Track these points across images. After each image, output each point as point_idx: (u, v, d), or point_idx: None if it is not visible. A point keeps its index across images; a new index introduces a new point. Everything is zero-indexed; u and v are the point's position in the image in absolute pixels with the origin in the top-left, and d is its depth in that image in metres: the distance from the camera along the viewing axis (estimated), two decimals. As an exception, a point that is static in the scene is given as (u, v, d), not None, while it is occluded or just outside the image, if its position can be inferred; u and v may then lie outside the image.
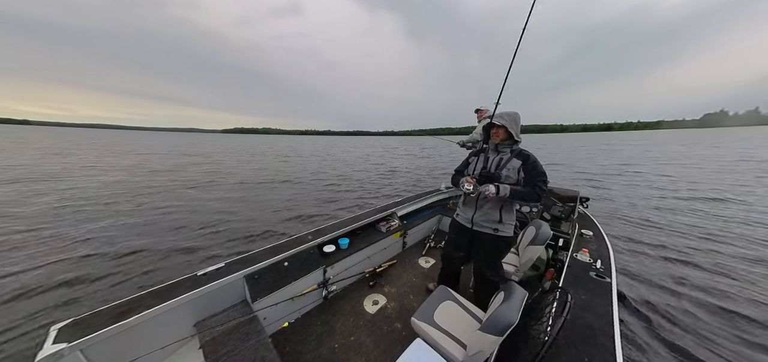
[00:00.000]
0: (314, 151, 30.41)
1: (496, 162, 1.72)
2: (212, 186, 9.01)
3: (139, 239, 4.50)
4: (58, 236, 4.46)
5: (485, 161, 1.75)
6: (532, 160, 1.62)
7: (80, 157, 15.93)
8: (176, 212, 6.06)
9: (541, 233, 1.93)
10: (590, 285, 1.68)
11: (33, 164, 12.15)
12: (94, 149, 22.27)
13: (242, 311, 1.64)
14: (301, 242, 2.13)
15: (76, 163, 13.29)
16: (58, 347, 1.12)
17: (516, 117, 1.65)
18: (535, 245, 1.92)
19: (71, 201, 6.53)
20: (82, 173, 10.52)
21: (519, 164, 1.64)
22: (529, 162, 1.62)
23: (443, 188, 4.09)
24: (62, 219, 5.30)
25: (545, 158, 15.63)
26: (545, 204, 3.11)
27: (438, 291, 1.72)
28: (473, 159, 1.86)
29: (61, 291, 3.06)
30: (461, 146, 3.48)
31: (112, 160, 15.06)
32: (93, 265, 3.63)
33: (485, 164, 1.76)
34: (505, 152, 1.70)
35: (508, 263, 2.12)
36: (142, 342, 1.38)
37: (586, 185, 9.18)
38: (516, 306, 1.19)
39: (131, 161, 15.17)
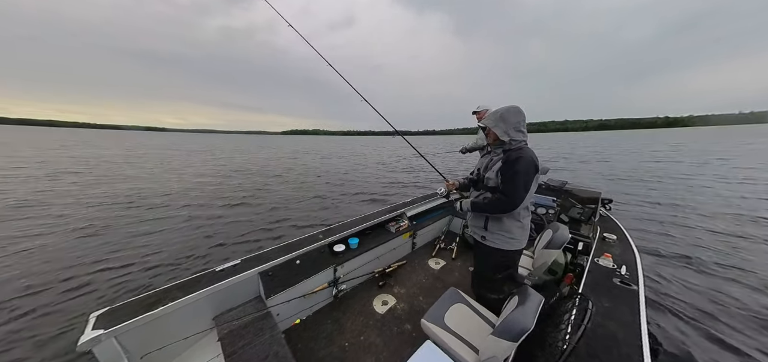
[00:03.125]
0: (359, 152, 31.04)
1: (485, 164, 1.60)
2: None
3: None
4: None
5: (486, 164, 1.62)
6: (511, 160, 1.37)
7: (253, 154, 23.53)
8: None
9: (558, 236, 1.82)
10: (614, 292, 1.55)
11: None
12: (233, 147, 30.49)
13: (257, 306, 1.68)
14: (312, 241, 2.16)
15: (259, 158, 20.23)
16: (96, 333, 1.21)
17: (505, 115, 1.42)
18: (552, 248, 1.81)
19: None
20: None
21: (500, 165, 1.44)
22: (507, 163, 1.39)
23: (439, 194, 3.80)
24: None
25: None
26: (563, 206, 2.93)
27: (449, 293, 1.66)
28: (481, 160, 1.78)
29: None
30: (463, 153, 3.38)
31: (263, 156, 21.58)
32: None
33: (480, 167, 1.66)
34: (497, 153, 1.53)
35: (520, 265, 2.02)
36: (167, 331, 1.45)
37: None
38: (531, 312, 1.12)
39: (266, 155, 22.15)
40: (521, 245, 1.52)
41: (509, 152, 1.41)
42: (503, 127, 1.42)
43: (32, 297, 3.01)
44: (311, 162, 17.83)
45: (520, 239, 1.50)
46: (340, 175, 12.19)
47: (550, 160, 16.66)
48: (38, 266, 3.65)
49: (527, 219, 1.51)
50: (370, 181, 10.67)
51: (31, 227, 4.96)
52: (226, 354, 1.36)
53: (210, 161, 17.35)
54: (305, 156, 22.64)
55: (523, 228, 1.49)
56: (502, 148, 1.48)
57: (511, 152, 1.41)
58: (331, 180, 10.78)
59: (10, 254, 3.91)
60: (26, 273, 3.45)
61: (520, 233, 1.49)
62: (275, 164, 16.56)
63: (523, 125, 1.42)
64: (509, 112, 1.42)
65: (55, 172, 10.68)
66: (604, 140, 50.28)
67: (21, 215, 5.64)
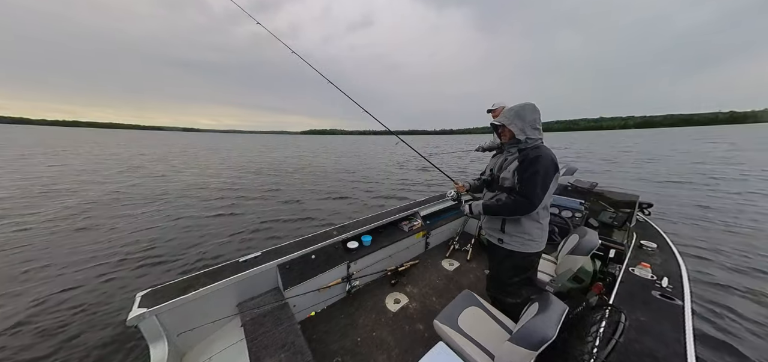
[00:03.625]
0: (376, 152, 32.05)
1: (499, 164, 1.51)
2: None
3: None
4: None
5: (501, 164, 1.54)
6: (529, 159, 1.30)
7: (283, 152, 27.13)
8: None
9: (586, 242, 1.67)
10: (652, 306, 1.39)
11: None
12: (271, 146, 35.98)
13: (275, 297, 1.76)
14: (326, 237, 2.21)
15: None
16: (142, 311, 1.35)
17: (521, 112, 1.34)
18: (578, 254, 1.67)
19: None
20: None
21: (517, 164, 1.36)
22: (524, 163, 1.31)
23: (448, 196, 3.61)
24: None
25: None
26: (592, 209, 2.70)
27: (463, 295, 1.61)
28: (493, 160, 1.67)
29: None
30: (481, 151, 3.24)
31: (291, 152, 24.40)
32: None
33: (493, 167, 1.57)
34: (511, 152, 1.45)
35: (541, 270, 1.89)
36: (197, 314, 1.57)
37: None
38: (553, 320, 1.04)
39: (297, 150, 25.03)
40: (540, 247, 1.44)
41: (526, 151, 1.35)
42: (520, 125, 1.35)
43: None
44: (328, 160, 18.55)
45: (539, 241, 1.42)
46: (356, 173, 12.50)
47: (577, 160, 15.42)
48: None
49: (546, 220, 1.42)
50: (381, 181, 10.72)
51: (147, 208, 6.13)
52: (249, 339, 1.45)
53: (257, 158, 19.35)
54: (323, 155, 23.79)
55: (543, 229, 1.41)
56: (517, 146, 1.41)
57: (528, 150, 1.34)
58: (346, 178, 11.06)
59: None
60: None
61: (539, 235, 1.41)
62: (297, 161, 17.66)
63: (538, 123, 1.36)
64: (525, 109, 1.35)
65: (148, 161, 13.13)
66: (644, 138, 45.34)
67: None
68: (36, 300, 2.92)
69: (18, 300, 2.90)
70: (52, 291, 3.10)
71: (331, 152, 28.88)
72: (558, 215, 2.71)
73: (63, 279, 3.38)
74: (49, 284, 3.23)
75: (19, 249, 4.04)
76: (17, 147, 20.91)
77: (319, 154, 25.21)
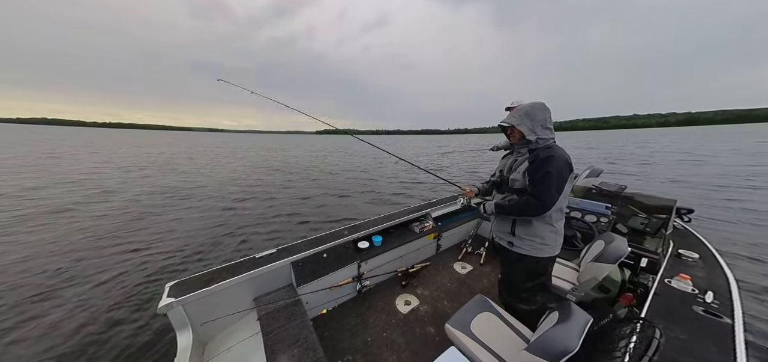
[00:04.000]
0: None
1: (509, 165, 1.46)
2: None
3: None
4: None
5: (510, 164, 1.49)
6: (541, 159, 1.25)
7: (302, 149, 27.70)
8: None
9: (612, 249, 1.55)
10: (694, 323, 1.25)
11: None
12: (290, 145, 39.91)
13: (289, 293, 1.81)
14: (338, 237, 2.24)
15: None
16: (170, 300, 1.45)
17: (530, 111, 1.30)
18: (603, 262, 1.55)
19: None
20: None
21: (527, 165, 1.32)
22: (535, 163, 1.27)
23: (459, 203, 3.26)
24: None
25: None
26: (620, 214, 2.49)
27: (476, 300, 1.56)
28: (502, 161, 1.61)
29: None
30: (495, 150, 3.11)
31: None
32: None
33: (502, 168, 1.51)
34: (522, 153, 1.40)
35: (562, 278, 1.78)
36: (218, 306, 1.66)
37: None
38: (575, 331, 0.97)
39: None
40: (554, 251, 1.37)
41: (537, 151, 1.30)
42: (529, 124, 1.30)
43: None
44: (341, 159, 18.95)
45: (553, 245, 1.35)
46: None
47: (603, 161, 14.32)
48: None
49: (560, 223, 1.36)
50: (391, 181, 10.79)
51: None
52: (264, 332, 1.50)
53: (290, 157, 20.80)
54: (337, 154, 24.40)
55: (557, 233, 1.35)
56: (527, 147, 1.36)
57: (539, 150, 1.30)
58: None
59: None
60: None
61: (552, 239, 1.34)
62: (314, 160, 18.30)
63: (549, 122, 1.31)
64: (535, 108, 1.31)
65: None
66: (684, 136, 41.37)
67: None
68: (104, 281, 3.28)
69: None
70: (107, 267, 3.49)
71: (342, 150, 29.75)
72: (580, 220, 2.54)
73: (117, 259, 3.82)
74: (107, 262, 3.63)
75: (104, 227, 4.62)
76: (88, 146, 24.25)
77: (332, 152, 26.12)
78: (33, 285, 3.23)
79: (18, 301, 2.94)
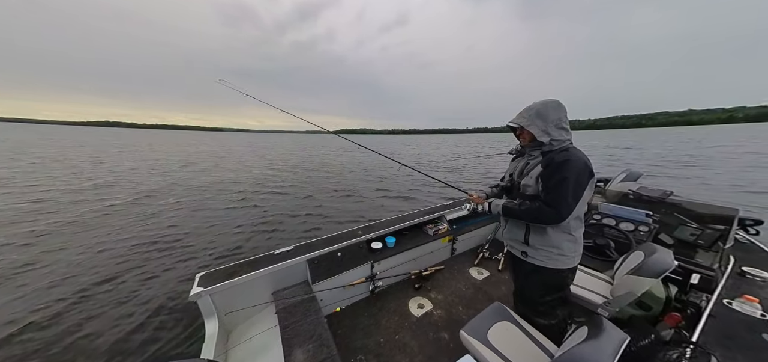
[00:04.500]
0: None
1: (519, 169, 1.35)
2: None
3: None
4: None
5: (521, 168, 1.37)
6: (556, 163, 1.13)
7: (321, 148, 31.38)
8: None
9: (654, 262, 1.38)
10: (763, 355, 1.05)
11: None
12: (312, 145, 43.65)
13: (305, 290, 1.87)
14: (352, 236, 2.27)
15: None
16: (200, 289, 1.57)
17: (541, 111, 1.18)
18: (642, 276, 1.38)
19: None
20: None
21: (541, 170, 1.19)
22: (549, 167, 1.15)
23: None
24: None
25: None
26: (664, 223, 2.21)
27: (493, 307, 1.48)
28: (512, 164, 1.47)
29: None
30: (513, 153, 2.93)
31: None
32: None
33: (513, 172, 1.40)
34: (534, 156, 1.28)
35: (592, 290, 1.61)
36: (240, 298, 1.76)
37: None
38: (608, 351, 0.88)
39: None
40: (573, 263, 1.24)
41: (551, 154, 1.17)
42: (541, 125, 1.18)
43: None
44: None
45: (571, 255, 1.23)
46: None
47: (659, 162, 12.78)
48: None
49: (580, 232, 1.23)
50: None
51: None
52: (282, 326, 1.56)
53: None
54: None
55: (575, 242, 1.22)
56: (540, 149, 1.24)
57: (553, 153, 1.17)
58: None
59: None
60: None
61: (570, 249, 1.22)
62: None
63: (565, 122, 1.18)
64: (547, 107, 1.18)
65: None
66: (755, 135, 35.30)
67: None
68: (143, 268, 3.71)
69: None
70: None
71: (356, 150, 30.76)
72: (614, 228, 2.29)
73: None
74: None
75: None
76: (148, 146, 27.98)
77: (346, 152, 27.16)
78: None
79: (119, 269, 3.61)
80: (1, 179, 8.87)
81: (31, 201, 6.65)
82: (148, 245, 4.51)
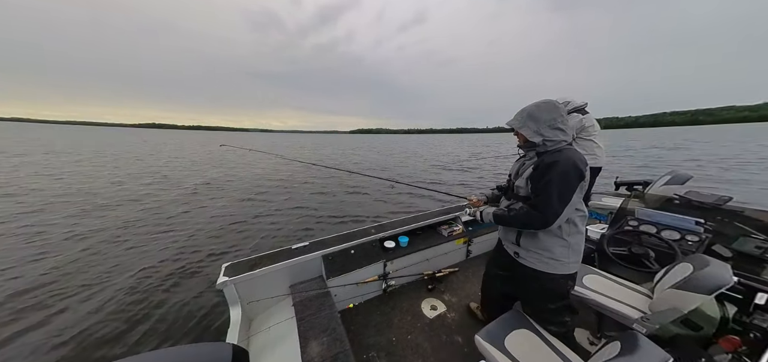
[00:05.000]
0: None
1: (516, 170, 1.35)
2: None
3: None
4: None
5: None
6: (544, 164, 1.11)
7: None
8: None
9: (706, 277, 1.20)
10: None
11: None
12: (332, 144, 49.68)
13: (320, 284, 1.92)
14: (365, 234, 2.28)
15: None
16: (225, 279, 1.69)
17: (533, 112, 1.17)
18: (690, 291, 1.21)
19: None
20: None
21: (531, 171, 1.18)
22: (539, 168, 1.13)
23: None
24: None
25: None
26: (718, 232, 1.93)
27: (512, 313, 1.40)
28: (514, 164, 1.44)
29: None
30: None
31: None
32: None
33: (511, 172, 1.39)
34: (530, 156, 1.27)
35: (627, 303, 1.45)
36: (260, 288, 1.86)
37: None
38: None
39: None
40: (568, 269, 1.21)
41: (543, 156, 1.17)
42: (533, 126, 1.18)
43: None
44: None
45: (565, 261, 1.20)
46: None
47: (713, 163, 11.26)
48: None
49: (576, 238, 1.19)
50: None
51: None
52: (298, 318, 1.62)
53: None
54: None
55: (569, 247, 1.19)
56: (535, 150, 1.23)
57: (545, 154, 1.16)
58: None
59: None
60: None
61: (563, 254, 1.19)
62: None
63: (560, 122, 1.15)
64: (539, 108, 1.18)
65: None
66: None
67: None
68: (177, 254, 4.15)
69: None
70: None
71: (373, 149, 31.44)
72: (655, 236, 2.05)
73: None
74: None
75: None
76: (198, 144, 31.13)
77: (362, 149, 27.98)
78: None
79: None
80: (120, 176, 10.29)
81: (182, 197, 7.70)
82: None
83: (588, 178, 1.12)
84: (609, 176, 4.03)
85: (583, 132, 2.51)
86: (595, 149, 2.51)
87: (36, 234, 4.75)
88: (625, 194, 3.01)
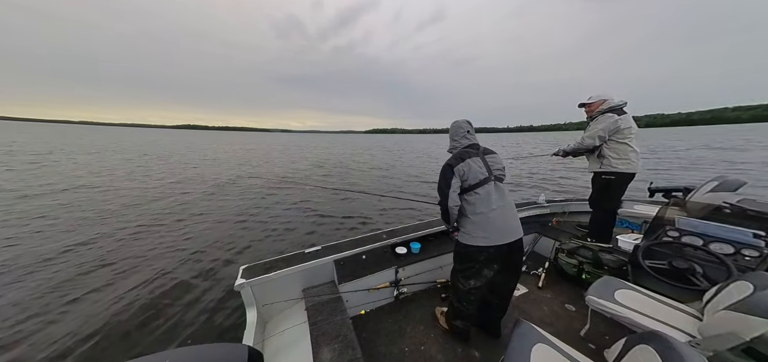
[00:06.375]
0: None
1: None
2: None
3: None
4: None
5: None
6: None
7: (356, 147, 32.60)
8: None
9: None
10: None
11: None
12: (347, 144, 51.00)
13: (332, 289, 1.91)
14: (376, 240, 2.25)
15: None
16: (243, 281, 1.72)
17: (450, 131, 1.65)
18: (753, 315, 1.04)
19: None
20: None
21: None
22: None
23: (542, 201, 3.19)
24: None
25: None
26: None
27: (533, 329, 1.29)
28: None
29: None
30: (562, 155, 2.62)
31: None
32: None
33: None
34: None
35: (671, 324, 1.28)
36: (274, 292, 1.88)
37: None
38: None
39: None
40: (474, 241, 1.44)
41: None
42: (450, 142, 1.66)
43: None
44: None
45: (473, 234, 1.46)
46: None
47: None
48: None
49: (479, 216, 1.43)
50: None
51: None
52: (310, 322, 1.61)
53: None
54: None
55: (475, 225, 1.47)
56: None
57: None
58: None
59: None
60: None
61: (470, 228, 1.49)
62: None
63: (458, 135, 1.60)
64: (452, 128, 1.65)
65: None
66: None
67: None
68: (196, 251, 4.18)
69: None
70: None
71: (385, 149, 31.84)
72: (702, 249, 1.81)
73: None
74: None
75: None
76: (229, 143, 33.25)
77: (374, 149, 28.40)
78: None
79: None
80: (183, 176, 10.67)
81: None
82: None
83: (455, 172, 1.43)
84: (642, 178, 3.71)
85: (618, 135, 2.26)
86: (629, 152, 2.26)
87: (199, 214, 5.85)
88: (661, 201, 2.73)
